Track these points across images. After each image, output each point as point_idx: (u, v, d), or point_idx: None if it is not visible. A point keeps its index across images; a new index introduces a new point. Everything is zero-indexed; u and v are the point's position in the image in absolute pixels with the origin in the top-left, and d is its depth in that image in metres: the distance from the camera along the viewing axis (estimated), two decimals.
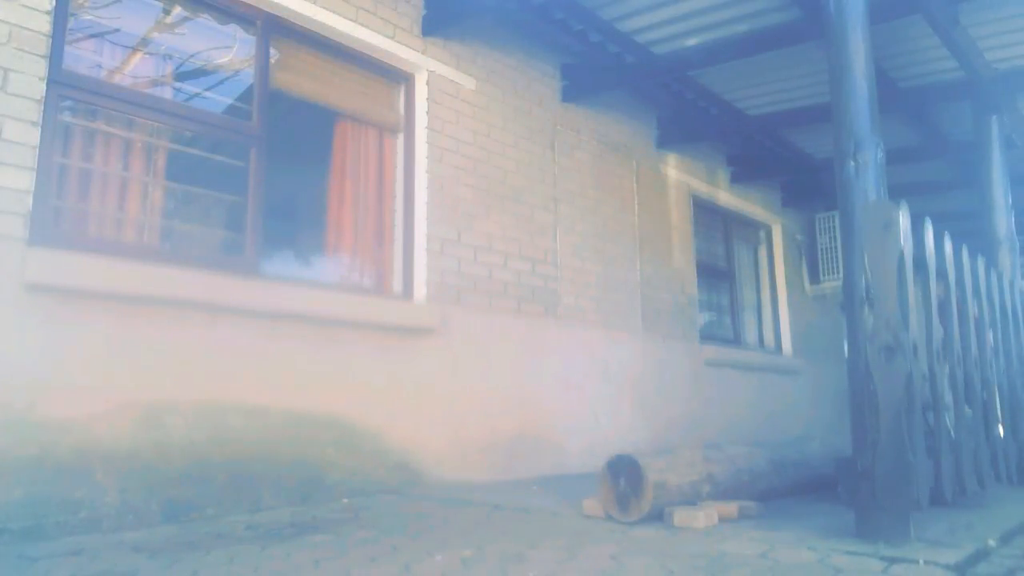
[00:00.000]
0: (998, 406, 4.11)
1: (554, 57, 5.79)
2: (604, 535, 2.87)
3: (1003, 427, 4.21)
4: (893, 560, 2.37)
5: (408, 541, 2.78)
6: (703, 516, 3.03)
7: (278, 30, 4.16)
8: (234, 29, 4.07)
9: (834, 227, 8.59)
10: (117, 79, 3.65)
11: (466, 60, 5.09)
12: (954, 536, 2.73)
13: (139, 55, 3.80)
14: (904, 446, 2.67)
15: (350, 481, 3.87)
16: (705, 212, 7.55)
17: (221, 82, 4.20)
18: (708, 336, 7.19)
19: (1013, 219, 5.72)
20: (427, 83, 4.82)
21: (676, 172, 7.02)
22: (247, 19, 4.05)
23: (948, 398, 3.41)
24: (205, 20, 3.96)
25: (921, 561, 2.34)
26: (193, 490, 3.29)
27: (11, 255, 2.97)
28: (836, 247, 8.53)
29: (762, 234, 8.59)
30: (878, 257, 2.79)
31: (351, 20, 4.38)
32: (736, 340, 7.85)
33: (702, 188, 7.39)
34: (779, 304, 8.51)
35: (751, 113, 6.72)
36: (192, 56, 3.98)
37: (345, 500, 3.70)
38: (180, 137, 3.85)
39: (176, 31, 3.93)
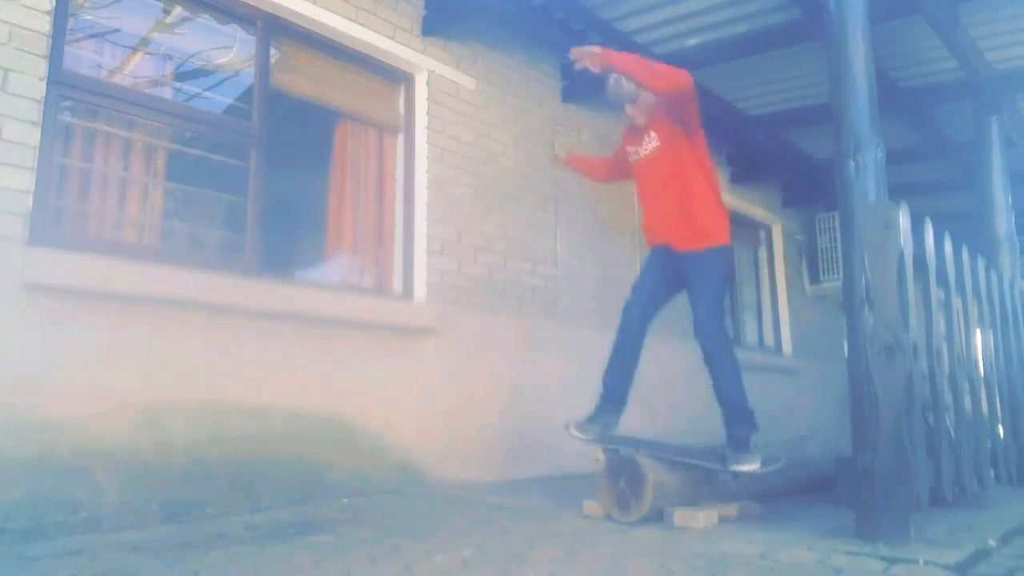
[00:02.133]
0: (998, 406, 4.11)
1: (554, 57, 5.78)
2: (604, 535, 2.87)
3: (1003, 427, 4.21)
4: (893, 560, 2.37)
5: (408, 541, 2.78)
6: (703, 516, 3.03)
7: (278, 30, 4.16)
8: (234, 29, 4.07)
9: (834, 227, 8.58)
10: (117, 79, 3.65)
11: (466, 60, 5.09)
12: (954, 536, 2.73)
13: (139, 55, 3.80)
14: (904, 446, 2.67)
15: (350, 481, 3.87)
16: None
17: (221, 82, 4.20)
18: None
19: (1013, 219, 5.72)
20: (427, 83, 4.82)
21: None
22: (247, 19, 4.05)
23: (948, 398, 3.41)
24: (205, 20, 3.96)
25: (921, 561, 2.34)
26: (193, 490, 3.29)
27: (11, 255, 2.97)
28: (836, 247, 8.52)
29: (762, 234, 8.59)
30: (878, 257, 2.79)
31: (351, 20, 4.38)
32: (736, 340, 7.84)
33: None
34: (779, 304, 8.51)
35: (751, 113, 6.72)
36: (192, 56, 3.98)
37: (345, 500, 3.70)
38: (180, 137, 3.85)
39: (176, 31, 3.93)
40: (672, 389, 6.35)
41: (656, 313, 3.78)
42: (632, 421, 5.90)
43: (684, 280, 3.63)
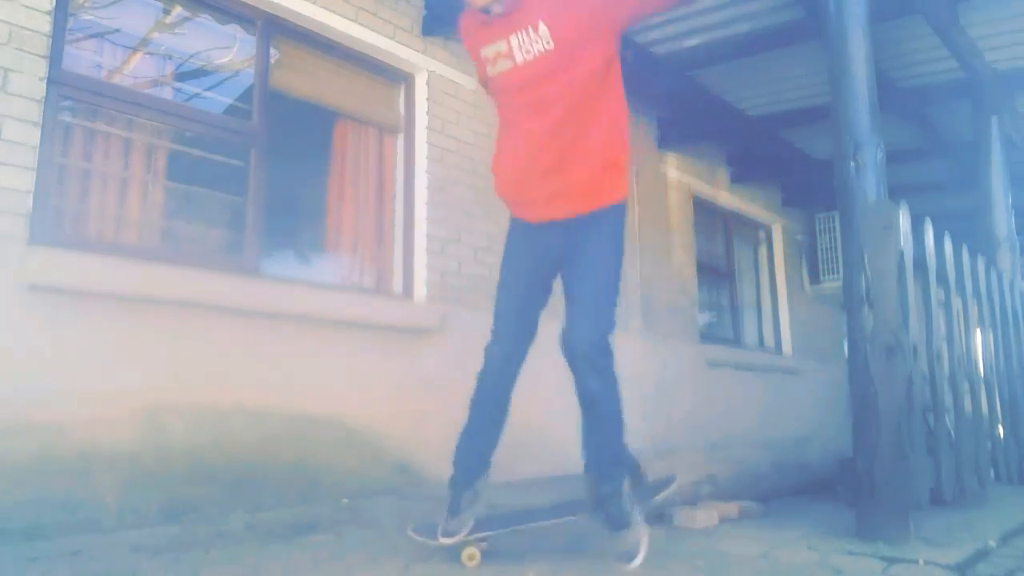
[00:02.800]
0: (998, 406, 4.11)
1: None
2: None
3: (1003, 427, 4.22)
4: (893, 560, 2.37)
5: (408, 541, 2.78)
6: (704, 516, 3.04)
7: (278, 30, 4.16)
8: (234, 29, 4.07)
9: (834, 227, 8.58)
10: (117, 79, 3.65)
11: (466, 60, 5.06)
12: (954, 536, 2.73)
13: (139, 55, 3.80)
14: (904, 446, 2.67)
15: (350, 481, 3.87)
16: (705, 212, 7.55)
17: (221, 82, 4.20)
18: (708, 336, 7.18)
19: (1013, 219, 5.72)
20: (427, 83, 4.82)
21: (677, 172, 7.01)
22: (247, 19, 4.05)
23: (948, 398, 3.41)
24: (205, 20, 3.96)
25: (921, 561, 2.34)
26: (193, 490, 3.29)
27: (12, 255, 2.97)
28: (836, 247, 8.52)
29: (762, 234, 8.59)
30: (878, 257, 2.79)
31: (351, 20, 4.37)
32: (736, 340, 7.84)
33: (703, 188, 7.38)
34: (779, 304, 8.50)
35: (752, 113, 6.71)
36: (192, 56, 3.98)
37: (345, 500, 3.70)
38: (180, 137, 3.85)
39: (176, 31, 3.93)
40: (672, 389, 6.36)
41: (532, 337, 2.74)
42: (633, 423, 5.91)
43: (562, 259, 2.48)
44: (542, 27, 2.25)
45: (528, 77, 2.29)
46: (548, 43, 2.24)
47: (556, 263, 2.47)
